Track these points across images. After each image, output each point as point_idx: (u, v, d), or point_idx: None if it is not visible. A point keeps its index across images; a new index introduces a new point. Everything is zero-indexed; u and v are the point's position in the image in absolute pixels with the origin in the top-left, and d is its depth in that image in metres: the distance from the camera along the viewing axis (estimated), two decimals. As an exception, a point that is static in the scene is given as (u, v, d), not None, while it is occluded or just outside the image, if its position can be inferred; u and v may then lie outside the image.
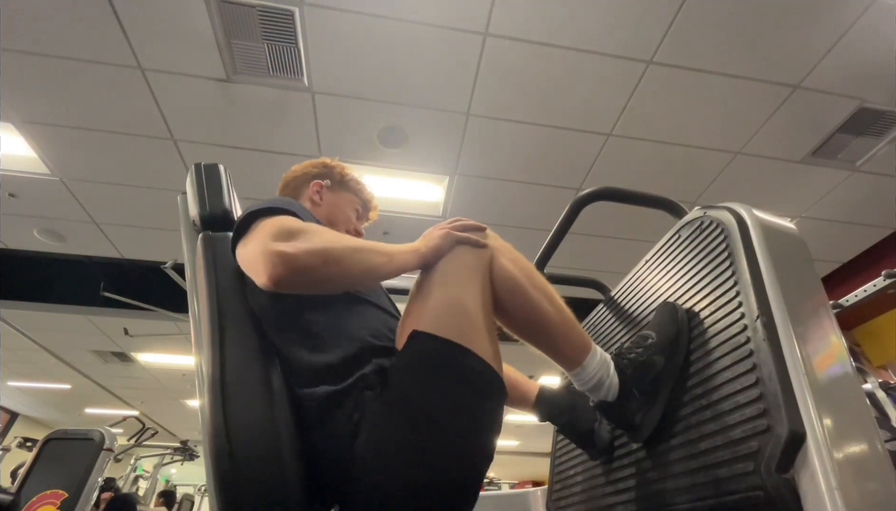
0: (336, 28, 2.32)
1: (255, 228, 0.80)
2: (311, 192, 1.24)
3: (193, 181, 0.97)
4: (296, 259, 0.72)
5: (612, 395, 0.92)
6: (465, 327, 0.81)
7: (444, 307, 0.83)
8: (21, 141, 2.89)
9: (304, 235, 0.76)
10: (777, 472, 0.65)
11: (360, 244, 0.81)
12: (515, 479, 11.21)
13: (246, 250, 0.80)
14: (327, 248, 0.76)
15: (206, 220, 0.93)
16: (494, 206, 3.51)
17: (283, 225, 0.78)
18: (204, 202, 0.94)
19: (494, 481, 8.31)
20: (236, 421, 0.73)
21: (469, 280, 0.85)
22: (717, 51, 2.42)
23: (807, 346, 0.72)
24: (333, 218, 1.22)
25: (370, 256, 0.80)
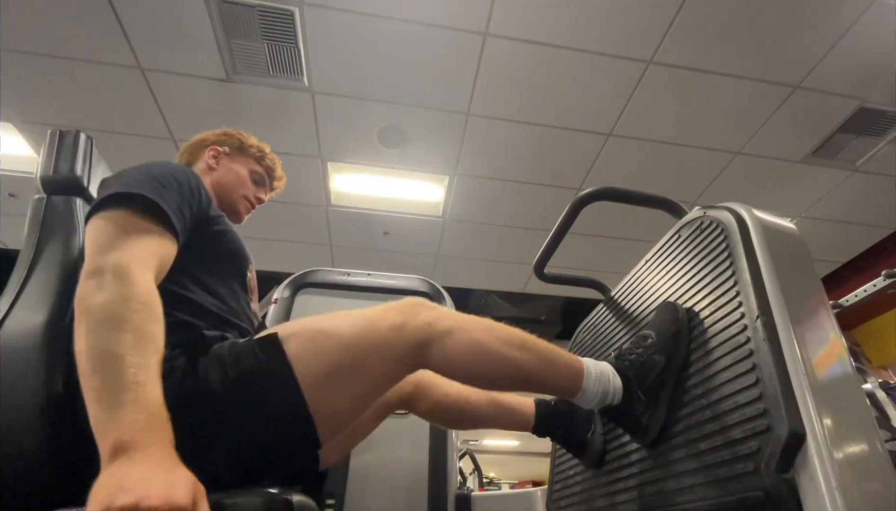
0: (336, 28, 2.32)
1: (112, 215, 0.76)
2: (207, 156, 1.21)
3: (46, 146, 0.94)
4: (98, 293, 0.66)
5: (616, 399, 0.91)
6: (321, 372, 0.77)
7: (321, 340, 0.78)
8: (21, 141, 2.89)
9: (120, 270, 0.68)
10: (777, 472, 0.65)
11: (137, 321, 0.65)
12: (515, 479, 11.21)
13: (93, 233, 0.75)
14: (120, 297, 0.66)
15: (47, 184, 0.91)
16: (494, 206, 3.51)
17: (116, 239, 0.72)
18: (49, 166, 0.92)
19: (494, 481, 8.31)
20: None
21: (369, 346, 0.79)
22: (718, 51, 2.42)
23: (807, 346, 0.72)
24: (227, 182, 1.19)
25: (121, 350, 0.62)
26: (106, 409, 0.57)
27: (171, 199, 0.82)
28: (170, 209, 0.80)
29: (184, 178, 0.88)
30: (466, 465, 4.29)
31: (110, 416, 0.56)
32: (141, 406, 0.57)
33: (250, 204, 1.25)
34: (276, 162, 1.31)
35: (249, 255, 1.06)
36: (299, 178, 3.22)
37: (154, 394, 0.60)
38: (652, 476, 0.92)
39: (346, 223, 3.65)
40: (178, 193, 0.84)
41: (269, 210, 3.62)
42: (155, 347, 0.65)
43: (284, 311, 1.78)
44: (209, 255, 0.94)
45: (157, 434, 0.56)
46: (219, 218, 0.99)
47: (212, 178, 1.18)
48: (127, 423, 0.56)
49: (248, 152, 1.25)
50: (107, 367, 0.60)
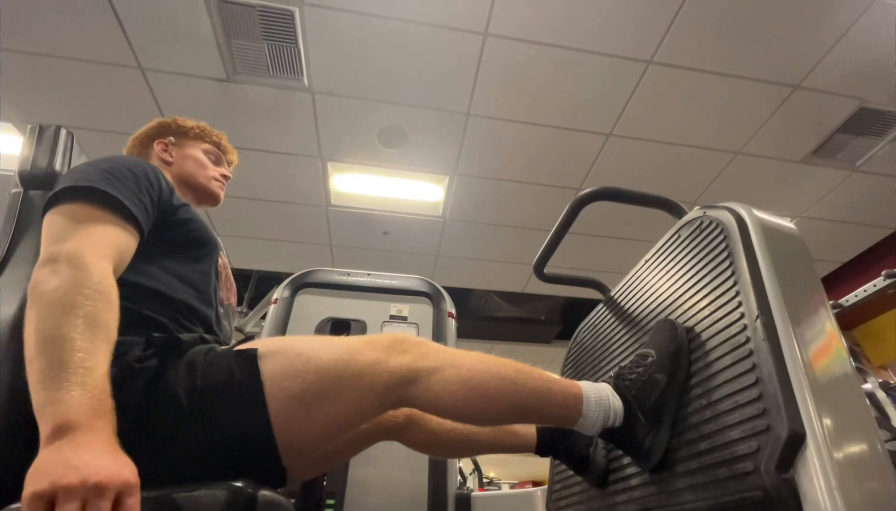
0: (336, 28, 2.32)
1: (67, 209, 0.75)
2: (157, 151, 1.18)
3: (26, 140, 0.94)
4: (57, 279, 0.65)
5: (618, 421, 0.88)
6: (291, 400, 0.74)
7: (296, 368, 0.75)
8: (21, 141, 2.88)
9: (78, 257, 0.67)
10: (777, 471, 0.65)
11: (88, 307, 0.63)
12: (515, 479, 11.20)
13: (47, 227, 0.74)
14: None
15: (26, 179, 0.90)
16: (494, 206, 3.51)
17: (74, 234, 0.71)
18: (27, 160, 0.91)
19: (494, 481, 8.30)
20: None
21: (342, 379, 0.76)
22: (718, 51, 2.42)
23: (807, 346, 0.72)
24: (188, 170, 1.18)
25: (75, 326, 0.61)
26: (50, 391, 0.55)
27: (128, 190, 0.81)
28: (127, 199, 0.79)
29: (139, 169, 0.87)
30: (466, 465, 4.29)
31: (54, 397, 0.55)
32: (87, 389, 0.56)
33: (220, 182, 1.24)
34: (221, 135, 1.29)
35: (219, 242, 1.05)
36: (299, 178, 3.22)
37: (101, 379, 0.58)
38: (652, 476, 0.92)
39: (346, 223, 3.65)
40: (133, 183, 0.83)
41: (269, 210, 3.63)
42: (106, 335, 0.63)
43: (284, 311, 1.78)
44: (177, 244, 0.93)
45: (102, 419, 0.55)
46: (183, 207, 0.97)
47: (171, 171, 1.17)
48: (72, 405, 0.54)
49: (192, 134, 1.23)
50: (54, 350, 0.58)
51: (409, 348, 0.80)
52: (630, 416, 0.88)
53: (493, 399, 0.81)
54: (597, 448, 1.09)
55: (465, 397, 0.79)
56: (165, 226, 0.91)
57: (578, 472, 1.13)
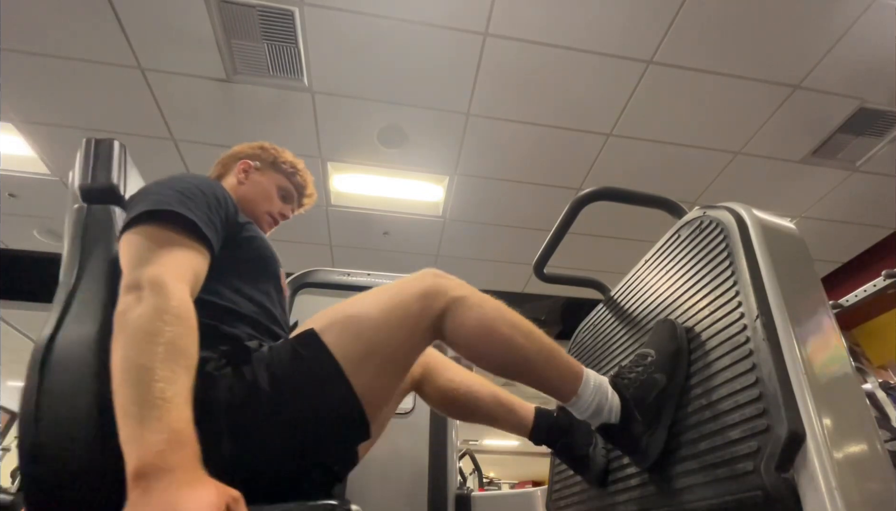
0: (336, 28, 2.32)
1: (144, 230, 0.77)
2: (237, 170, 1.22)
3: (81, 154, 0.95)
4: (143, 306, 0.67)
5: (614, 418, 0.89)
6: (360, 356, 0.80)
7: (354, 328, 0.81)
8: (21, 141, 2.89)
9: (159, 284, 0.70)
10: (777, 471, 0.65)
11: (170, 335, 0.65)
12: (515, 479, 11.21)
13: (127, 249, 0.77)
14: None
15: (86, 193, 0.92)
16: (494, 206, 3.51)
17: (154, 255, 0.74)
18: (87, 175, 0.93)
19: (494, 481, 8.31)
20: (51, 389, 0.71)
21: (398, 320, 0.82)
22: (717, 51, 2.42)
23: (807, 346, 0.72)
24: (252, 196, 1.20)
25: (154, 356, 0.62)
26: (131, 426, 0.57)
27: (200, 211, 0.83)
28: (200, 221, 0.81)
29: (208, 189, 0.89)
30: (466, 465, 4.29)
31: (134, 435, 0.56)
32: (164, 424, 0.57)
33: (273, 219, 1.26)
34: (308, 179, 1.32)
35: (278, 257, 1.07)
36: (299, 178, 3.22)
37: (180, 410, 0.59)
38: (651, 476, 0.92)
39: (346, 223, 3.65)
40: (205, 204, 0.86)
41: (269, 210, 3.62)
42: (187, 361, 0.65)
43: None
44: (243, 262, 0.96)
45: (180, 454, 0.56)
46: (248, 224, 1.00)
47: (238, 191, 1.19)
48: (150, 444, 0.55)
49: (280, 168, 1.26)
50: (135, 380, 0.60)
51: (442, 280, 0.87)
52: (627, 413, 0.89)
53: (503, 345, 0.85)
54: (596, 447, 1.09)
55: (482, 332, 0.84)
56: (232, 244, 0.93)
57: (578, 471, 1.13)
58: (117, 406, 0.59)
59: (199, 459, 0.57)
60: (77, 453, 0.70)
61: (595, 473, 1.08)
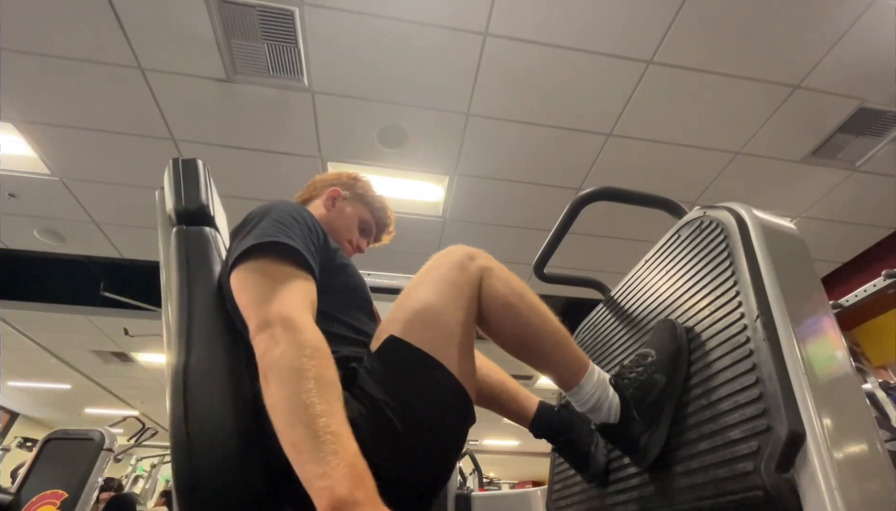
0: (336, 28, 2.32)
1: (255, 266, 0.79)
2: (326, 196, 1.26)
3: (171, 176, 0.96)
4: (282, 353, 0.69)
5: (613, 417, 0.90)
6: (441, 341, 0.82)
7: (424, 318, 0.83)
8: (21, 141, 2.89)
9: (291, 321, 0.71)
10: (777, 472, 0.65)
11: (323, 381, 0.67)
12: (515, 479, 11.22)
13: (245, 287, 0.78)
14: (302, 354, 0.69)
15: (182, 215, 0.93)
16: (494, 206, 3.51)
17: (276, 290, 0.76)
18: (180, 197, 0.94)
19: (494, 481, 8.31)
20: (196, 414, 0.73)
21: (454, 296, 0.85)
22: (717, 51, 2.42)
23: (807, 346, 0.72)
24: (336, 226, 1.23)
25: (309, 403, 0.64)
26: (309, 464, 0.59)
27: (299, 240, 0.85)
28: (304, 250, 0.83)
29: (300, 216, 0.91)
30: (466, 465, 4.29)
31: (317, 472, 0.58)
32: (341, 458, 0.59)
33: (351, 249, 1.27)
34: (392, 218, 1.36)
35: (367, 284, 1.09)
36: (299, 179, 3.21)
37: (349, 442, 0.62)
38: (651, 476, 0.92)
39: (346, 223, 3.65)
40: (301, 233, 0.87)
41: (269, 210, 3.62)
42: (336, 392, 0.67)
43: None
44: (340, 290, 0.97)
45: (363, 488, 0.58)
46: (338, 251, 1.01)
47: (324, 218, 1.22)
48: (336, 480, 0.57)
49: (367, 201, 1.30)
50: (300, 419, 0.62)
51: (472, 249, 0.91)
52: (626, 413, 0.90)
53: (522, 320, 0.88)
54: (598, 446, 1.09)
55: (504, 305, 0.87)
56: (328, 271, 0.94)
57: (579, 470, 1.13)
58: (287, 446, 0.62)
59: (377, 491, 0.59)
60: (229, 477, 0.72)
61: (596, 473, 1.08)
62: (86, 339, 5.37)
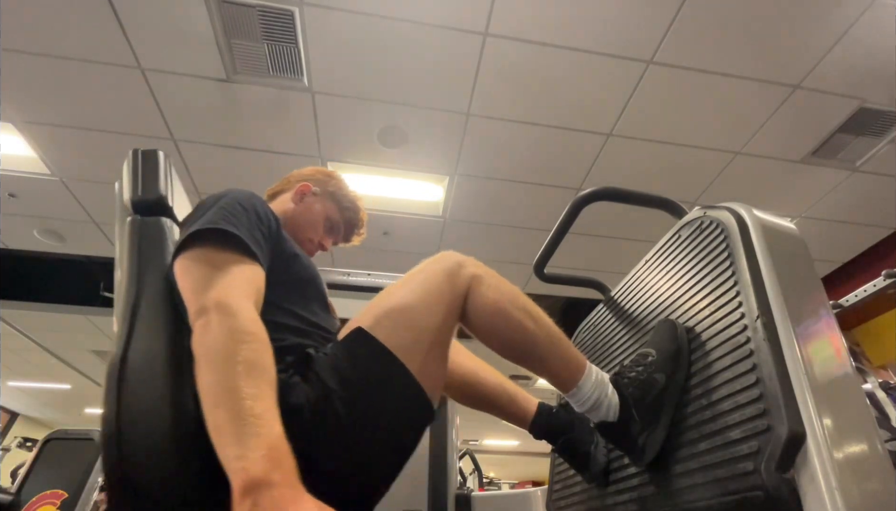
0: (336, 28, 2.32)
1: (197, 254, 0.78)
2: (295, 190, 1.24)
3: (129, 166, 0.95)
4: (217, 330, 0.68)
5: (612, 415, 0.90)
6: (408, 342, 0.82)
7: (397, 317, 0.83)
8: (21, 141, 2.89)
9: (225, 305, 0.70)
10: (777, 472, 0.65)
11: (250, 361, 0.65)
12: (515, 479, 11.21)
13: (184, 275, 0.77)
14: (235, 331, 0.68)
15: (137, 205, 0.92)
16: (494, 206, 3.51)
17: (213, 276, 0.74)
18: (137, 187, 0.93)
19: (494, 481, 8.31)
20: (129, 407, 0.72)
21: (433, 302, 0.85)
22: (717, 51, 2.42)
23: (807, 346, 0.72)
24: (301, 221, 1.21)
25: (235, 384, 0.63)
26: (229, 446, 0.58)
27: (243, 227, 0.83)
28: (245, 237, 0.81)
29: (249, 204, 0.89)
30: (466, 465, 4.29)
31: (235, 453, 0.57)
32: (262, 440, 0.58)
33: (313, 247, 1.25)
34: (363, 220, 1.34)
35: (322, 277, 1.07)
36: (299, 178, 3.22)
37: (273, 425, 0.60)
38: (651, 476, 0.92)
39: (346, 223, 3.65)
40: (246, 219, 0.86)
41: (269, 210, 3.62)
42: (266, 377, 0.65)
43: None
44: (292, 282, 0.95)
45: (281, 470, 0.57)
46: (291, 243, 1.00)
47: (290, 212, 1.20)
48: (251, 461, 0.56)
49: (337, 199, 1.27)
50: (224, 402, 0.61)
51: (464, 257, 0.90)
52: (625, 412, 0.90)
53: (516, 326, 0.88)
54: (598, 446, 1.09)
55: (496, 312, 0.87)
56: (279, 261, 0.93)
57: (579, 470, 1.13)
58: (211, 429, 0.61)
59: (297, 474, 0.58)
60: (162, 472, 0.71)
61: (596, 472, 1.08)
62: (86, 339, 5.37)
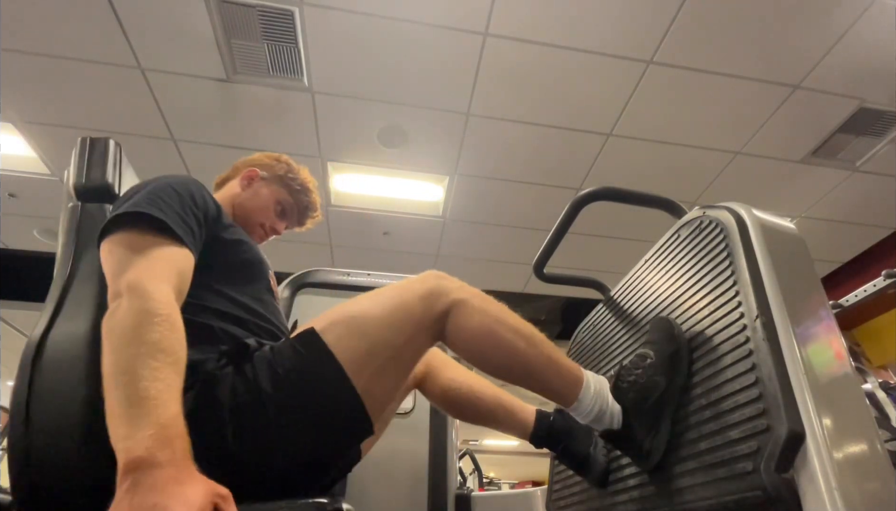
0: (336, 28, 2.32)
1: (120, 237, 0.77)
2: (242, 176, 1.21)
3: (77, 153, 0.95)
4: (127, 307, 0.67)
5: (616, 424, 0.89)
6: (359, 354, 0.79)
7: (353, 325, 0.81)
8: (21, 141, 2.89)
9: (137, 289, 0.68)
10: (777, 471, 0.65)
11: (148, 339, 0.63)
12: (515, 479, 11.21)
13: (105, 259, 0.76)
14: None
15: (81, 192, 0.91)
16: (494, 206, 3.51)
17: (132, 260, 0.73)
18: (82, 174, 0.92)
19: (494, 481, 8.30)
20: (42, 391, 0.71)
21: (400, 320, 0.82)
22: (718, 51, 2.42)
23: (806, 346, 0.72)
24: (250, 206, 1.19)
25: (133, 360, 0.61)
26: (119, 426, 0.57)
27: (171, 210, 0.82)
28: (171, 221, 0.80)
29: (182, 188, 0.88)
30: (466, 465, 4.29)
31: (123, 433, 0.56)
32: (151, 420, 0.56)
33: (264, 232, 1.23)
34: (315, 202, 1.31)
35: (268, 261, 1.06)
36: (299, 178, 3.23)
37: (167, 406, 0.59)
38: (651, 476, 0.92)
39: (346, 223, 3.65)
40: (178, 204, 0.84)
41: (269, 210, 3.63)
42: (171, 358, 0.63)
43: (284, 311, 1.78)
44: (232, 267, 0.94)
45: (168, 449, 0.55)
46: (232, 227, 0.98)
47: (237, 198, 1.19)
48: (136, 441, 0.54)
49: (286, 182, 1.25)
50: (120, 383, 0.60)
51: (445, 282, 0.87)
52: (628, 419, 0.89)
53: (506, 347, 0.85)
54: (597, 447, 1.08)
55: (483, 335, 0.85)
56: (218, 246, 0.92)
57: (579, 472, 1.12)
58: (107, 410, 0.59)
59: (188, 456, 0.57)
60: (68, 454, 0.70)
61: (596, 474, 1.07)
62: (86, 339, 5.37)
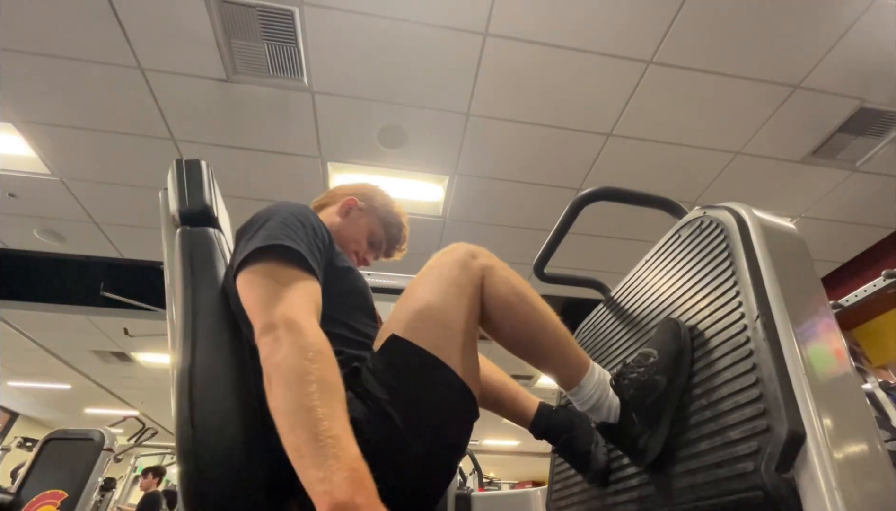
0: (336, 28, 2.32)
1: (261, 269, 0.79)
2: (341, 203, 1.26)
3: (174, 177, 0.97)
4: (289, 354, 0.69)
5: (613, 417, 0.90)
6: (443, 340, 0.82)
7: (426, 317, 0.84)
8: (21, 141, 2.89)
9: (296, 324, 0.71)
10: (777, 472, 0.65)
11: (322, 382, 0.66)
12: (515, 479, 11.22)
13: (249, 290, 0.78)
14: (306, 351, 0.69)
15: (185, 216, 0.93)
16: (494, 206, 3.51)
17: (280, 292, 0.76)
18: (184, 198, 0.94)
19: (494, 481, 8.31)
20: (202, 414, 0.74)
21: (455, 295, 0.85)
22: (717, 51, 2.42)
23: (807, 346, 0.72)
24: (346, 234, 1.23)
25: (314, 407, 0.64)
26: (310, 468, 0.59)
27: (303, 243, 0.85)
28: (305, 252, 0.83)
29: (306, 219, 0.90)
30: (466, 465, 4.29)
31: (318, 476, 0.58)
32: (342, 463, 0.59)
33: (357, 260, 1.26)
34: (405, 236, 1.35)
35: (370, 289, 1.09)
36: (299, 179, 3.23)
37: (349, 445, 0.61)
38: (651, 476, 0.92)
39: (346, 223, 3.65)
40: (305, 235, 0.87)
41: (269, 210, 3.62)
42: (339, 395, 0.66)
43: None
44: (347, 294, 0.97)
45: (364, 492, 0.58)
46: (342, 255, 1.01)
47: (335, 225, 1.22)
48: (335, 484, 0.57)
49: (382, 216, 1.29)
50: (301, 423, 0.62)
51: (477, 249, 0.91)
52: (626, 414, 0.90)
53: (524, 319, 0.89)
54: (598, 446, 1.09)
55: (506, 304, 0.88)
56: (334, 275, 0.94)
57: (579, 469, 1.13)
58: (290, 450, 0.62)
59: (377, 495, 0.59)
60: (234, 481, 0.72)
61: (596, 472, 1.08)
62: (86, 339, 5.37)
